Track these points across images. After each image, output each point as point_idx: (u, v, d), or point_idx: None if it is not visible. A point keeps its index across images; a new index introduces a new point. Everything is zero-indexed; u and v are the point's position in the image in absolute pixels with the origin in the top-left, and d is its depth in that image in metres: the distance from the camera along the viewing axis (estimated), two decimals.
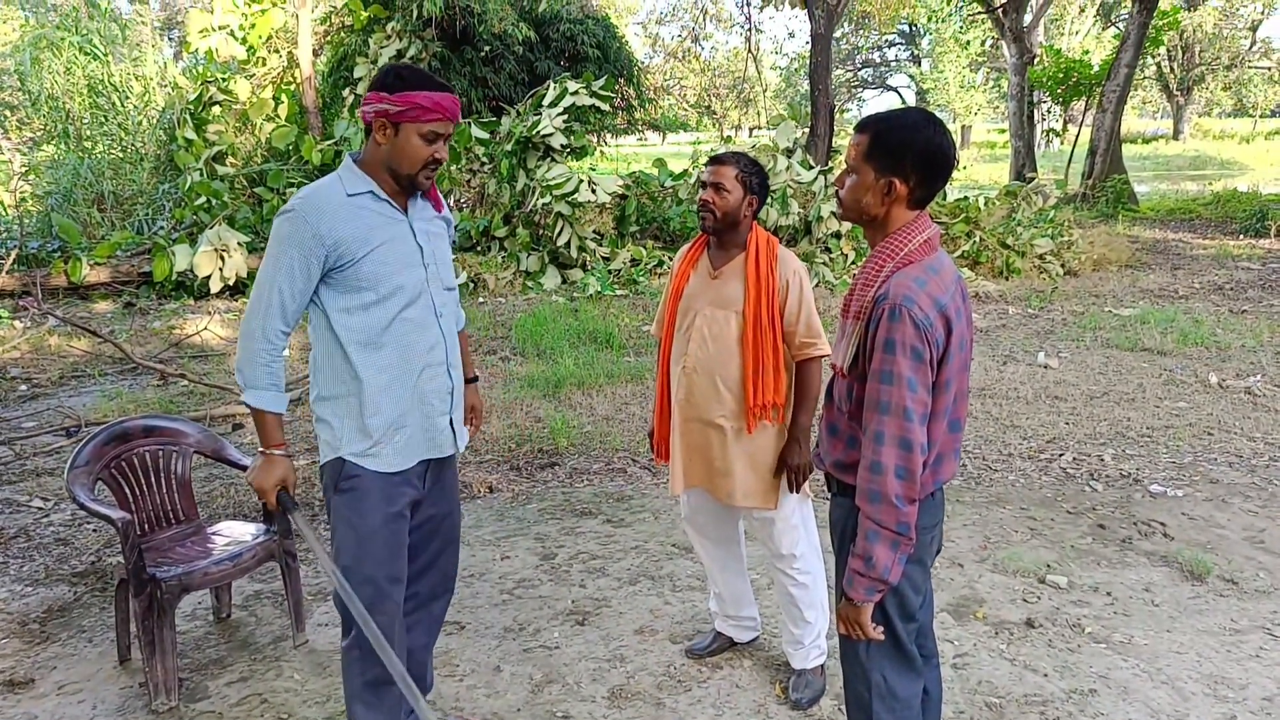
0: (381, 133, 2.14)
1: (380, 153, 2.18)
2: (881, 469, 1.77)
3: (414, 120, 2.12)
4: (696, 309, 2.73)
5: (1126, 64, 17.19)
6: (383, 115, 2.12)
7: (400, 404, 2.25)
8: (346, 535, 2.25)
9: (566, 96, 11.03)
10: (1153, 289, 9.74)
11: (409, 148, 2.16)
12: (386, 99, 2.11)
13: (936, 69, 40.20)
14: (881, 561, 1.78)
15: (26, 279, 9.31)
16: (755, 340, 2.63)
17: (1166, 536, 3.92)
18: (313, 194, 2.15)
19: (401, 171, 2.19)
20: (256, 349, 2.15)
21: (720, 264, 2.72)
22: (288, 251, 2.11)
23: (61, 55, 12.76)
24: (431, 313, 2.30)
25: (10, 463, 5.14)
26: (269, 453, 2.24)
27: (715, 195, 2.65)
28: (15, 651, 3.20)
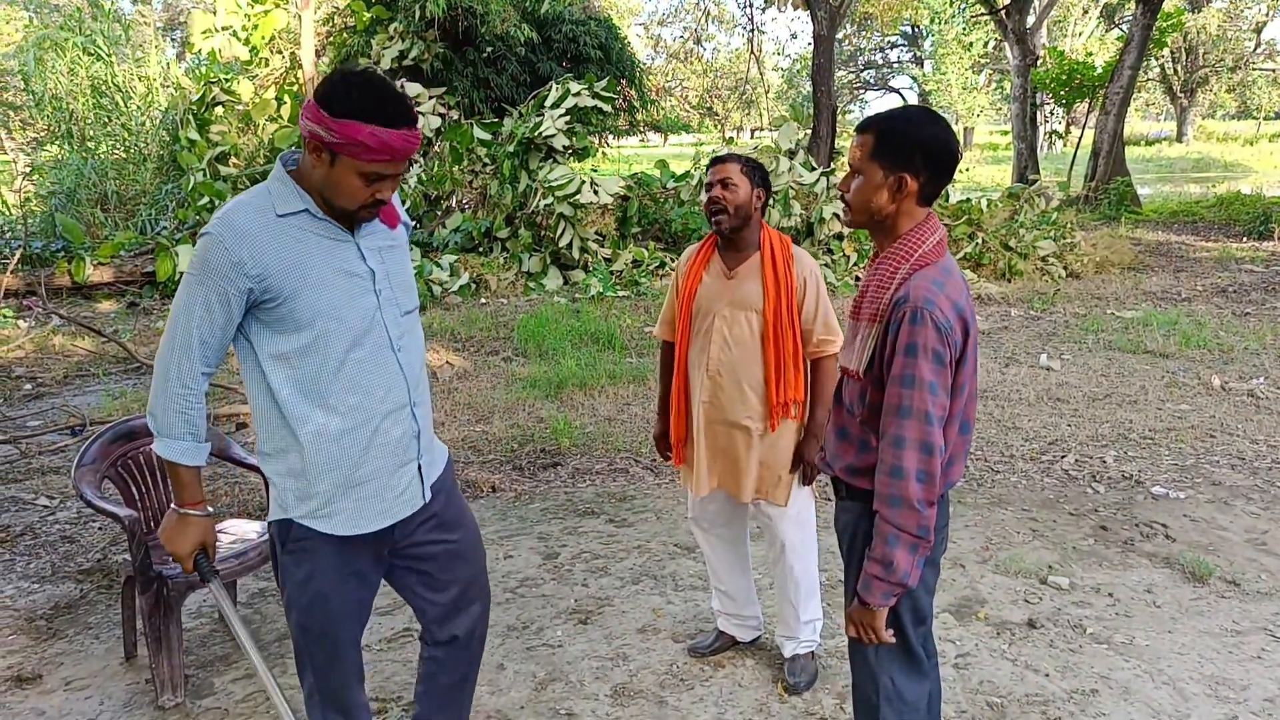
0: (316, 156, 1.77)
1: (315, 176, 1.81)
2: (903, 473, 1.77)
3: (353, 157, 1.74)
4: (715, 311, 2.71)
5: (1130, 66, 17.19)
6: (316, 140, 1.74)
7: (353, 461, 1.92)
8: (297, 594, 1.99)
9: (569, 98, 11.06)
10: (1155, 291, 9.75)
11: (345, 184, 1.79)
12: (325, 121, 1.72)
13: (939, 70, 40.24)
14: (902, 566, 1.79)
15: (31, 279, 9.33)
16: (776, 339, 2.64)
17: (1168, 538, 3.93)
18: (234, 213, 1.79)
19: (336, 204, 1.83)
20: (171, 392, 1.82)
21: (734, 264, 2.72)
22: (206, 283, 1.77)
23: (65, 56, 12.79)
24: (387, 347, 1.93)
25: (16, 461, 5.16)
26: (185, 512, 1.94)
27: (725, 191, 2.64)
28: (23, 647, 3.22)
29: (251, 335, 1.86)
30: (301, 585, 1.98)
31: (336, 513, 1.95)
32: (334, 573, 1.99)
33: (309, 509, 1.94)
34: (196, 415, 1.87)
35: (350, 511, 1.96)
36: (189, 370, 1.82)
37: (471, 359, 7.37)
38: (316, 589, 1.98)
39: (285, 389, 1.86)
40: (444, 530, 2.14)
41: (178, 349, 1.82)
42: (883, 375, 1.85)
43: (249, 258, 1.76)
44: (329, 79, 1.78)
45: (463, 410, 5.99)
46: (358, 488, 1.95)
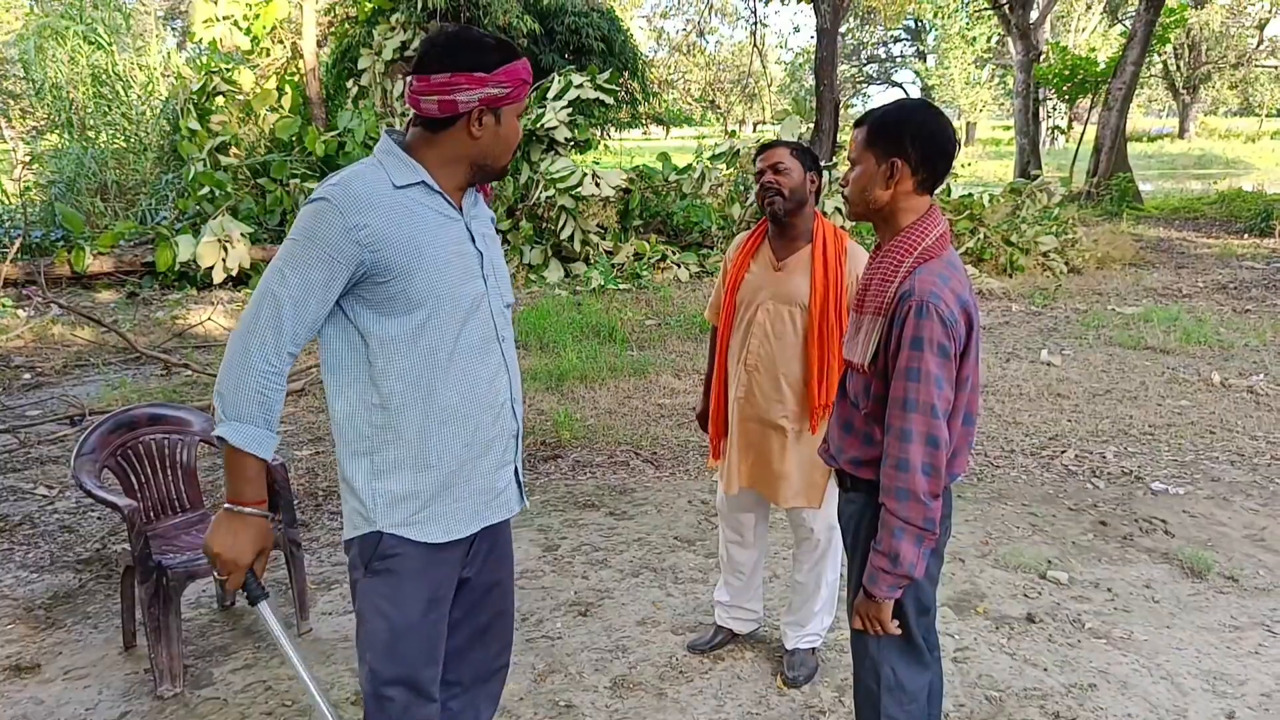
0: (477, 123, 1.70)
1: (470, 147, 1.73)
2: (909, 466, 1.77)
3: (516, 100, 1.72)
4: (758, 303, 2.64)
5: (1133, 62, 17.15)
6: (489, 103, 1.68)
7: (457, 456, 1.78)
8: (378, 628, 1.79)
9: (571, 89, 11.03)
10: (1156, 287, 9.74)
11: (511, 133, 1.75)
12: (490, 80, 1.66)
13: (942, 65, 40.16)
14: (908, 558, 1.80)
15: (30, 268, 9.32)
16: (821, 338, 2.55)
17: (1168, 534, 3.93)
18: (352, 180, 1.67)
19: (498, 163, 1.78)
20: (250, 373, 1.62)
21: (784, 255, 2.64)
22: (311, 252, 1.62)
23: (66, 44, 12.75)
24: (493, 337, 1.82)
25: (15, 451, 5.16)
26: (242, 510, 1.67)
27: (778, 175, 2.56)
28: (21, 637, 3.22)
29: (354, 317, 1.70)
30: (385, 614, 1.78)
31: (434, 517, 1.78)
32: (422, 601, 1.80)
33: (404, 514, 1.75)
34: (275, 399, 1.66)
35: (447, 515, 1.79)
36: (275, 347, 1.62)
37: None
38: (406, 620, 1.79)
39: (389, 377, 1.70)
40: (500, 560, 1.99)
41: (265, 322, 1.62)
42: (887, 368, 1.85)
43: (365, 225, 1.63)
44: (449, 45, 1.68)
45: None
46: (458, 487, 1.79)
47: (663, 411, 5.72)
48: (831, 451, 2.06)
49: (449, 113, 1.68)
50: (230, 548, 1.66)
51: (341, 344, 1.73)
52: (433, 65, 1.67)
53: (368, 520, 1.76)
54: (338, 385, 1.75)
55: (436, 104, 1.67)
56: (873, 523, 1.90)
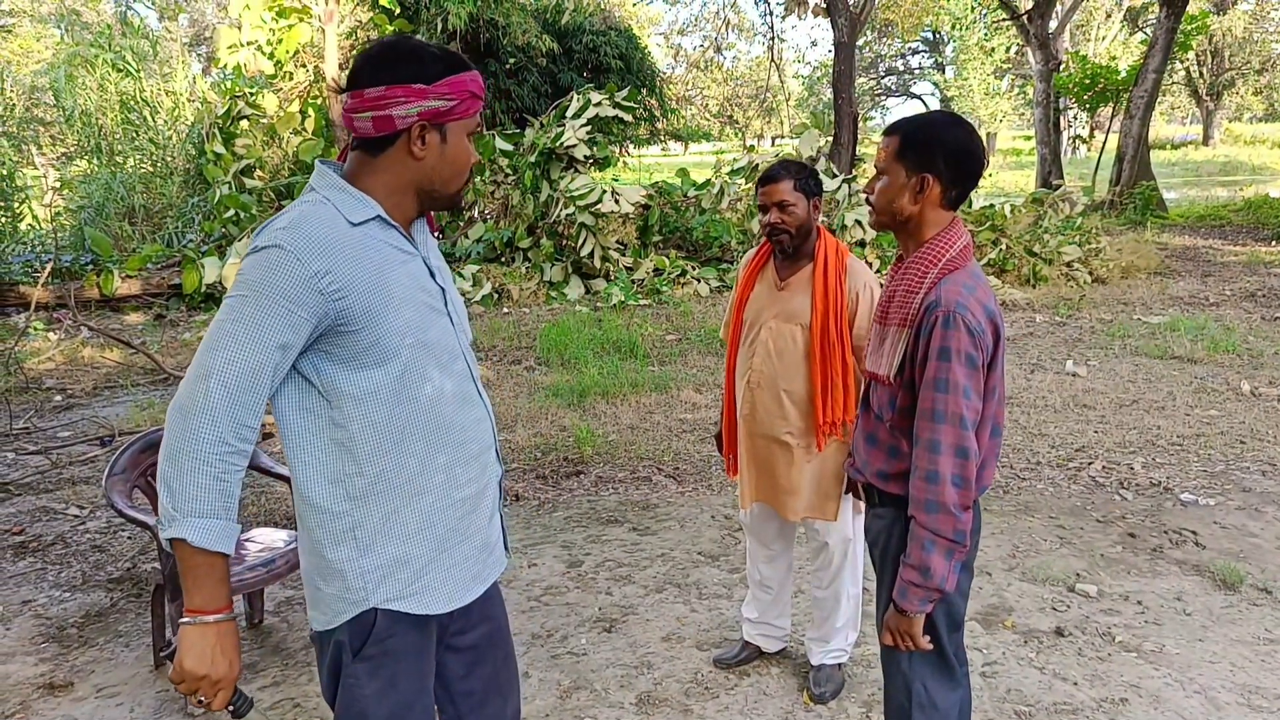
0: (419, 143, 1.51)
1: (412, 170, 1.53)
2: (939, 478, 1.76)
3: (464, 116, 1.53)
4: (762, 322, 2.67)
5: (1154, 69, 17.03)
6: (430, 117, 1.49)
7: (451, 513, 1.61)
8: (375, 708, 1.59)
9: (589, 107, 11.12)
10: (1182, 296, 9.64)
11: (461, 153, 1.56)
12: (430, 92, 1.48)
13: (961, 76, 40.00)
14: (939, 571, 1.78)
15: (61, 292, 9.49)
16: (823, 355, 2.57)
17: (1198, 545, 3.87)
18: (304, 222, 1.45)
19: (449, 189, 1.58)
20: (203, 461, 1.38)
21: (787, 274, 2.66)
22: (265, 308, 1.39)
23: (95, 72, 13.03)
24: (469, 378, 1.65)
25: (47, 471, 5.24)
26: (212, 619, 1.45)
27: (783, 215, 2.56)
28: (54, 655, 3.26)
29: (316, 376, 1.49)
30: (378, 699, 1.57)
31: (429, 586, 1.59)
32: (417, 674, 1.62)
33: (398, 587, 1.56)
34: (235, 484, 1.43)
35: (448, 580, 1.61)
36: (231, 425, 1.39)
37: (494, 368, 7.41)
38: (399, 700, 1.60)
39: (365, 439, 1.50)
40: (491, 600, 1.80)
41: (216, 398, 1.38)
42: (914, 380, 1.84)
43: (328, 271, 1.42)
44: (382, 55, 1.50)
45: None
46: (454, 549, 1.62)
47: (684, 426, 5.72)
48: (857, 465, 2.06)
49: (385, 131, 1.49)
50: (213, 665, 1.45)
51: (299, 412, 1.51)
52: (366, 79, 1.49)
53: (355, 601, 1.54)
54: (305, 459, 1.52)
55: (371, 121, 1.48)
56: (901, 537, 1.88)
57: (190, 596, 1.44)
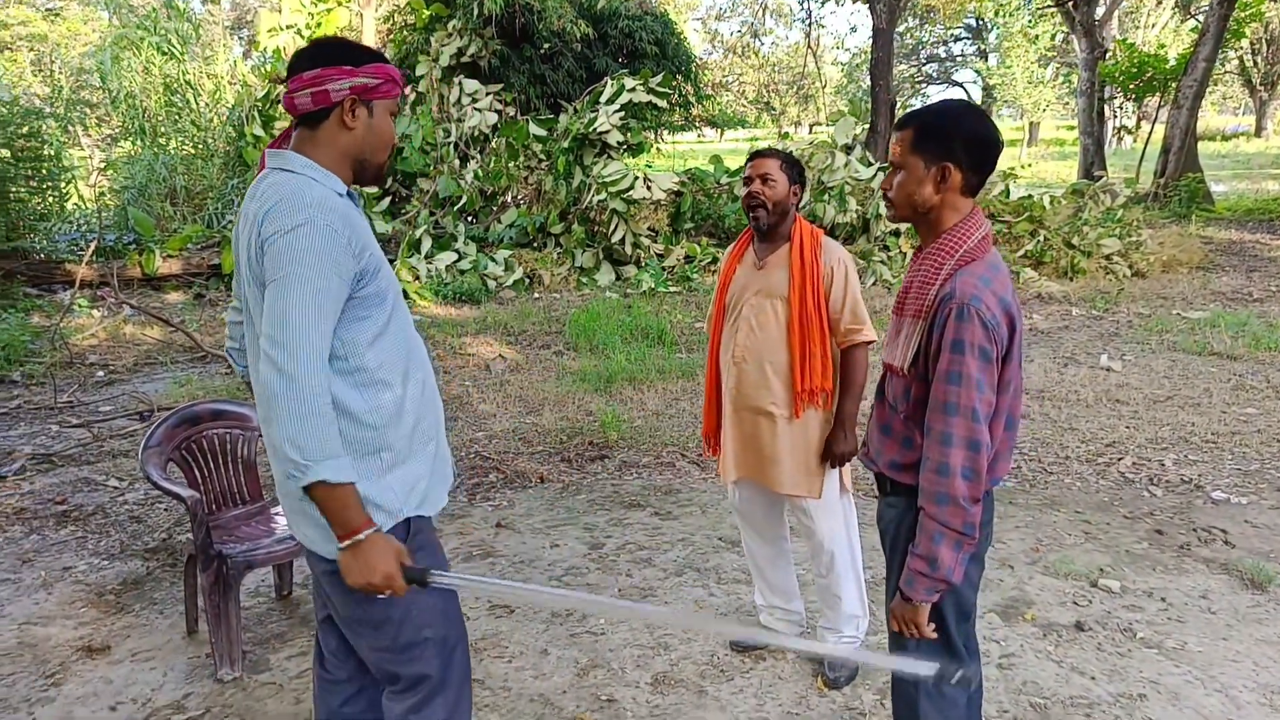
0: (350, 115, 1.75)
1: (346, 140, 1.77)
2: (949, 471, 1.77)
3: (386, 96, 1.79)
4: (744, 299, 2.79)
5: (1205, 58, 16.61)
6: (359, 92, 1.74)
7: (434, 429, 1.91)
8: (429, 602, 1.86)
9: (623, 93, 11.10)
10: (1225, 291, 9.44)
11: (385, 129, 1.81)
12: (359, 71, 1.73)
13: (1004, 64, 39.29)
14: (946, 562, 1.79)
15: (104, 270, 9.71)
16: (802, 326, 2.68)
17: (1227, 544, 3.82)
18: (319, 198, 1.67)
19: (376, 159, 1.83)
20: (318, 407, 1.58)
21: (765, 254, 2.78)
22: (324, 274, 1.61)
23: (141, 55, 13.25)
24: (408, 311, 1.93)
25: (89, 444, 5.39)
26: (363, 536, 1.66)
27: (765, 186, 2.70)
28: (93, 620, 3.38)
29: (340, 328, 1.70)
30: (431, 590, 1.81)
31: (433, 488, 1.88)
32: (442, 563, 1.88)
33: (418, 496, 1.83)
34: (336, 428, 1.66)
35: (438, 486, 1.91)
36: (325, 377, 1.61)
37: (524, 352, 7.47)
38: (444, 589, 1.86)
39: (383, 369, 1.76)
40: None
41: (314, 359, 1.59)
42: (927, 371, 1.84)
43: (350, 235, 1.68)
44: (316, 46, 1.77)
45: (514, 403, 6.08)
46: (439, 456, 1.92)
47: None
48: (871, 455, 2.07)
49: (322, 104, 1.73)
50: (377, 571, 1.66)
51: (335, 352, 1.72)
52: (303, 65, 1.74)
53: (391, 514, 1.78)
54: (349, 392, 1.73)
55: (310, 97, 1.73)
56: (911, 527, 1.89)
57: (335, 527, 1.65)
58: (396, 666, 1.89)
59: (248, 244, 1.71)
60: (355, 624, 1.88)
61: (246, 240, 1.72)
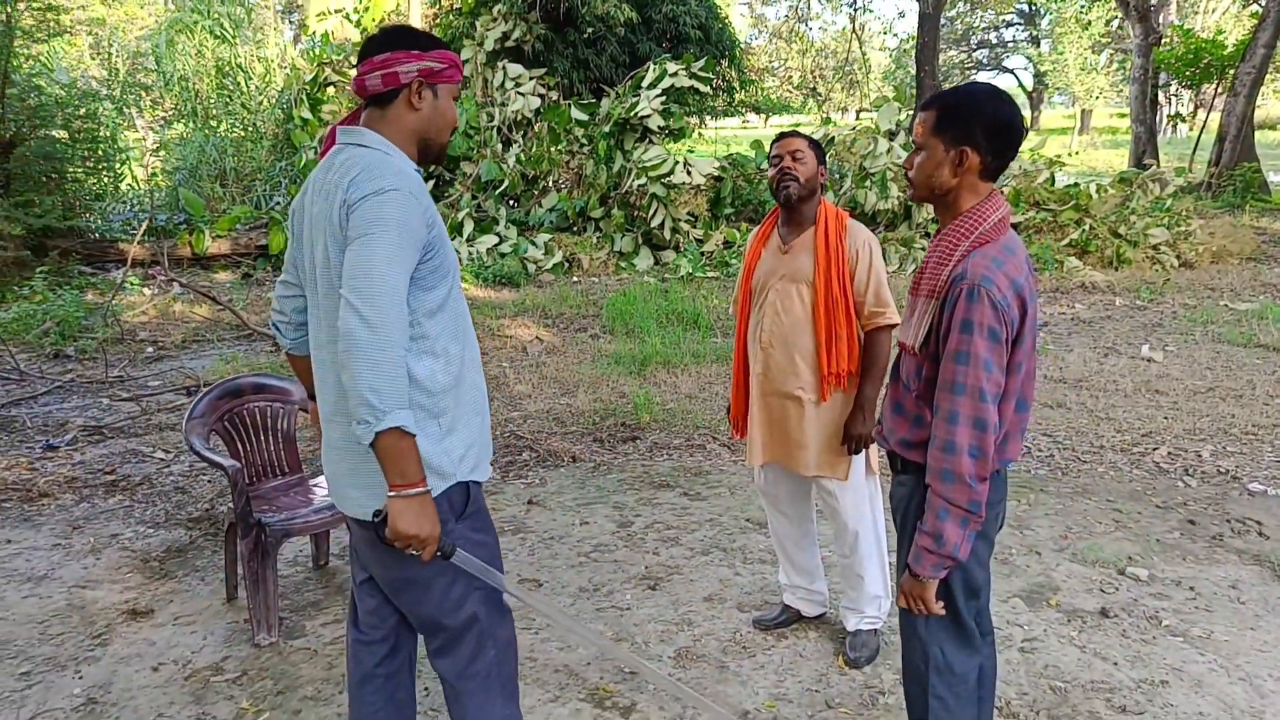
0: (418, 96, 1.85)
1: (412, 120, 1.87)
2: (956, 449, 1.79)
3: (449, 80, 1.89)
4: (769, 284, 2.81)
5: (1264, 44, 16.10)
6: (426, 75, 1.84)
7: (483, 398, 2.02)
8: (485, 556, 1.96)
9: (665, 78, 11.10)
10: (1276, 283, 9.19)
11: (448, 112, 1.91)
12: (426, 56, 1.84)
13: (1056, 50, 38.43)
14: (951, 539, 1.82)
15: (155, 249, 9.98)
16: (827, 310, 2.70)
17: (1262, 535, 3.77)
18: (401, 168, 1.79)
19: (440, 139, 1.92)
20: (396, 357, 1.68)
21: (790, 239, 2.79)
22: (406, 239, 1.72)
23: (194, 38, 13.53)
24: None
25: (137, 417, 5.58)
26: (414, 492, 1.72)
27: (796, 163, 2.72)
28: (138, 585, 3.52)
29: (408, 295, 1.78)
30: (479, 546, 1.94)
31: (482, 458, 1.98)
32: (493, 525, 2.03)
33: (470, 463, 1.92)
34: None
35: (485, 454, 2.00)
36: (404, 332, 1.71)
37: (560, 335, 7.55)
38: (493, 544, 2.00)
39: (443, 338, 1.86)
40: None
41: (396, 311, 1.69)
42: (939, 351, 1.86)
43: (427, 206, 1.79)
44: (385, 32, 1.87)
45: (549, 384, 6.16)
46: (486, 430, 2.00)
47: None
48: (884, 433, 2.09)
49: (391, 85, 1.83)
50: (420, 527, 1.74)
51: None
52: (373, 49, 1.85)
53: (447, 477, 1.86)
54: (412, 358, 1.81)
55: (380, 78, 1.83)
56: (921, 504, 1.92)
57: (394, 475, 1.71)
58: (445, 618, 1.96)
59: (327, 212, 1.78)
60: (403, 584, 1.95)
61: (325, 208, 1.79)
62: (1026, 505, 4.08)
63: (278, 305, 2.12)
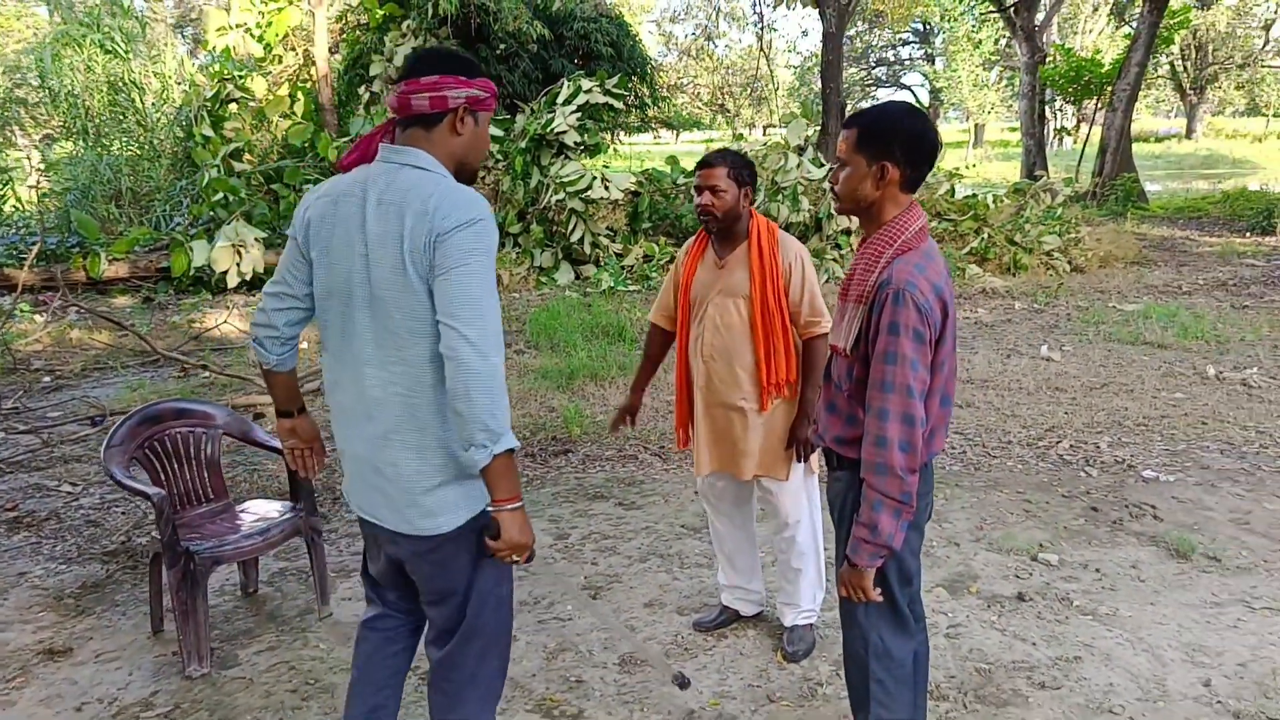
0: (461, 121, 1.91)
1: (455, 144, 1.93)
2: (887, 443, 1.90)
3: (488, 109, 1.96)
4: (707, 299, 2.87)
5: (1137, 63, 17.22)
6: (471, 102, 1.91)
7: None
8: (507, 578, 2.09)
9: (580, 94, 11.19)
10: (1157, 285, 9.83)
11: (485, 136, 2.00)
12: (472, 84, 1.90)
13: (950, 68, 40.10)
14: (886, 529, 1.92)
15: (46, 274, 9.52)
16: (764, 323, 2.78)
17: (1156, 518, 4.05)
18: (474, 196, 1.87)
19: (475, 164, 2.00)
20: (503, 383, 1.79)
21: (725, 254, 2.87)
22: (491, 265, 1.82)
23: (83, 52, 12.98)
24: None
25: (38, 450, 5.32)
26: (518, 505, 1.85)
27: (714, 198, 2.78)
28: (53, 623, 3.37)
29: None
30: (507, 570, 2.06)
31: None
32: None
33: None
34: None
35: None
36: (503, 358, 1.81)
37: None
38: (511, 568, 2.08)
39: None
40: None
41: (499, 339, 1.79)
42: (868, 352, 1.98)
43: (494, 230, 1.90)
44: (435, 54, 1.91)
45: None
46: None
47: (670, 408, 5.85)
48: (819, 431, 2.20)
49: (439, 109, 1.88)
50: (527, 534, 1.87)
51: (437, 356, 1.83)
52: (422, 70, 1.89)
53: (479, 500, 1.93)
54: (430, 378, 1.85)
55: (428, 100, 1.87)
56: (856, 499, 2.02)
57: (503, 491, 1.82)
58: (482, 625, 2.04)
59: (397, 231, 1.80)
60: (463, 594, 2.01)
61: (395, 228, 1.80)
62: (944, 499, 4.28)
63: (268, 319, 2.06)
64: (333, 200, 1.91)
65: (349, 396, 1.95)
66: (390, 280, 1.82)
